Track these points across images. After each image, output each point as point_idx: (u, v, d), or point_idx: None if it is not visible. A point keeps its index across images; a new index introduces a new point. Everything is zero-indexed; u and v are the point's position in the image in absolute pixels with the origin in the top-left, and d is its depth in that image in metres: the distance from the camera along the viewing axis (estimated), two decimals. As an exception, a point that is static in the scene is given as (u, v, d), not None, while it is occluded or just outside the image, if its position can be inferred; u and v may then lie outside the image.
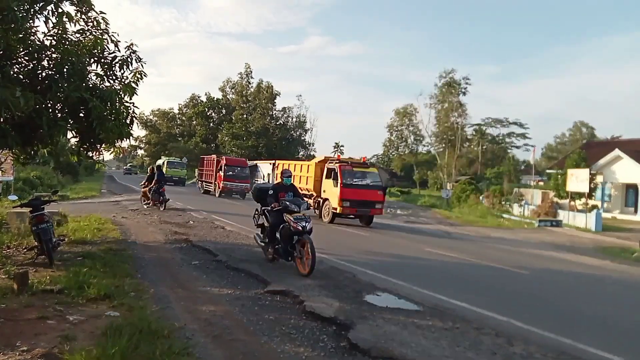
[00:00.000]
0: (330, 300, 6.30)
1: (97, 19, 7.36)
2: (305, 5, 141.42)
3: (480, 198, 35.46)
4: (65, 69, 6.71)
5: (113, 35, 7.54)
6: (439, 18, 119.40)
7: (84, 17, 7.32)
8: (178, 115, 73.37)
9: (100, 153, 8.93)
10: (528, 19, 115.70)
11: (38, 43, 6.73)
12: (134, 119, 7.91)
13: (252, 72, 64.60)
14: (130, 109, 7.72)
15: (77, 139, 7.87)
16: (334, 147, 79.93)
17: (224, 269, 8.05)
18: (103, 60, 7.67)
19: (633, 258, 15.06)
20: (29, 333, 4.36)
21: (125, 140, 8.08)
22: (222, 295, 6.40)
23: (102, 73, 7.69)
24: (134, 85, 7.65)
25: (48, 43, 6.86)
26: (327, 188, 17.75)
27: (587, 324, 6.61)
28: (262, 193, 8.97)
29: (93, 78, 7.54)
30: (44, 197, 10.69)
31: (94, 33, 7.40)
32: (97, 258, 7.67)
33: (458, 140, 53.90)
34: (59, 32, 6.89)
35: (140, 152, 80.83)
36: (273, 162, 30.25)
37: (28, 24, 6.43)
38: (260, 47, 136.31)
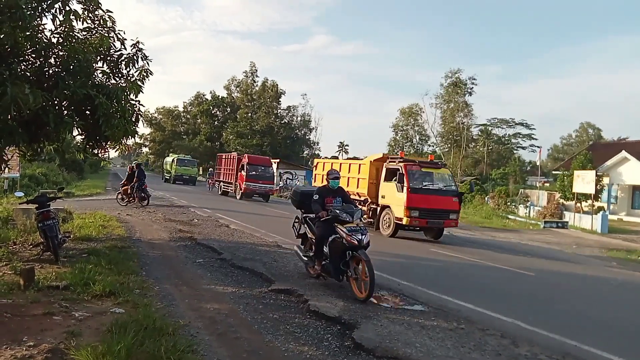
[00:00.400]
0: (335, 300, 6.31)
1: (103, 17, 7.37)
2: (310, 5, 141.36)
3: (486, 199, 35.34)
4: (72, 67, 6.74)
5: (119, 33, 7.55)
6: (444, 18, 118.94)
7: (91, 15, 7.33)
8: (183, 114, 73.56)
9: (106, 150, 8.95)
10: (533, 20, 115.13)
11: (45, 41, 6.75)
12: (140, 117, 7.93)
13: (257, 70, 64.76)
14: (136, 107, 7.73)
15: (82, 136, 7.90)
16: (339, 146, 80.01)
17: (229, 267, 8.06)
18: (109, 58, 7.68)
19: (639, 260, 14.96)
20: (35, 328, 4.38)
21: (131, 138, 8.09)
22: (226, 294, 6.41)
23: (108, 71, 7.71)
24: (140, 83, 7.66)
25: (55, 41, 6.89)
26: (387, 193, 14.86)
27: (592, 326, 6.57)
28: (304, 198, 7.83)
29: (99, 76, 7.56)
30: (50, 194, 10.75)
31: (101, 31, 7.41)
32: (102, 255, 7.71)
33: (463, 141, 53.76)
34: (66, 30, 6.90)
35: (145, 149, 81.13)
36: (277, 160, 29.47)
37: (35, 22, 6.44)
38: (265, 46, 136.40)
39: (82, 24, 7.17)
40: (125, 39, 7.63)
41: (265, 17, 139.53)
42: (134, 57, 7.69)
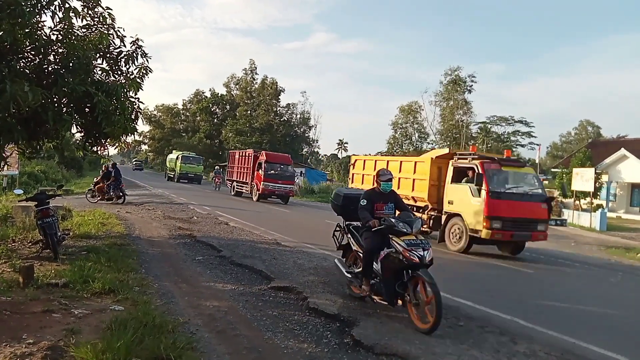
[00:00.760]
0: (334, 297, 6.32)
1: (103, 14, 7.36)
2: (311, 2, 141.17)
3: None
4: (71, 64, 6.73)
5: (119, 31, 7.54)
6: (445, 17, 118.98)
7: (90, 12, 7.32)
8: (182, 111, 73.47)
9: (105, 148, 8.95)
10: (534, 19, 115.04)
11: (44, 38, 6.74)
12: (139, 114, 7.92)
13: (256, 68, 64.60)
14: (135, 104, 7.72)
15: (82, 134, 7.89)
16: (338, 144, 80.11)
17: (228, 265, 8.07)
18: (109, 55, 7.68)
19: (638, 258, 14.99)
20: (35, 326, 4.39)
21: (130, 136, 8.09)
22: (225, 291, 6.42)
23: (107, 68, 7.70)
24: (139, 81, 7.66)
25: (54, 38, 6.88)
26: (456, 197, 12.13)
27: (591, 323, 6.59)
28: (347, 202, 6.78)
29: (99, 73, 7.56)
30: (49, 191, 10.74)
31: (100, 28, 7.40)
32: (101, 252, 7.71)
33: (463, 138, 53.77)
34: (66, 27, 6.89)
35: (144, 147, 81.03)
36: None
37: (35, 19, 6.43)
38: (265, 43, 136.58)
39: (81, 21, 7.16)
40: (125, 36, 7.63)
41: (266, 14, 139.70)
42: (134, 54, 7.69)
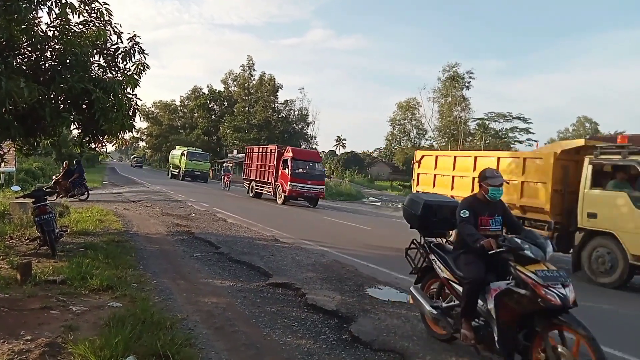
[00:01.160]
0: (332, 294, 6.33)
1: (100, 10, 7.32)
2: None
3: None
4: (68, 60, 6.71)
5: (116, 27, 7.51)
6: (443, 13, 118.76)
7: (87, 8, 7.28)
8: (180, 107, 73.30)
9: (103, 145, 8.93)
10: (533, 15, 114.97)
11: (41, 34, 6.72)
12: (137, 111, 7.90)
13: (254, 64, 64.43)
14: (133, 101, 7.71)
15: (79, 131, 7.87)
16: (336, 140, 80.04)
17: (226, 261, 8.07)
18: (106, 52, 7.65)
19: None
20: (33, 323, 4.39)
21: (128, 132, 8.07)
22: (224, 288, 6.42)
23: (105, 64, 7.68)
24: (137, 77, 7.64)
25: (51, 34, 6.85)
26: (602, 209, 8.68)
27: (591, 320, 6.60)
28: (428, 213, 5.12)
29: (96, 69, 7.53)
30: (47, 188, 10.72)
31: (97, 24, 7.37)
32: (99, 249, 7.70)
33: (461, 135, 53.84)
34: (62, 23, 6.86)
35: (142, 144, 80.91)
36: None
37: (31, 15, 6.40)
38: (263, 39, 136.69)
39: (78, 17, 7.13)
40: (122, 32, 7.60)
41: (264, 10, 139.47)
42: (131, 50, 7.66)
